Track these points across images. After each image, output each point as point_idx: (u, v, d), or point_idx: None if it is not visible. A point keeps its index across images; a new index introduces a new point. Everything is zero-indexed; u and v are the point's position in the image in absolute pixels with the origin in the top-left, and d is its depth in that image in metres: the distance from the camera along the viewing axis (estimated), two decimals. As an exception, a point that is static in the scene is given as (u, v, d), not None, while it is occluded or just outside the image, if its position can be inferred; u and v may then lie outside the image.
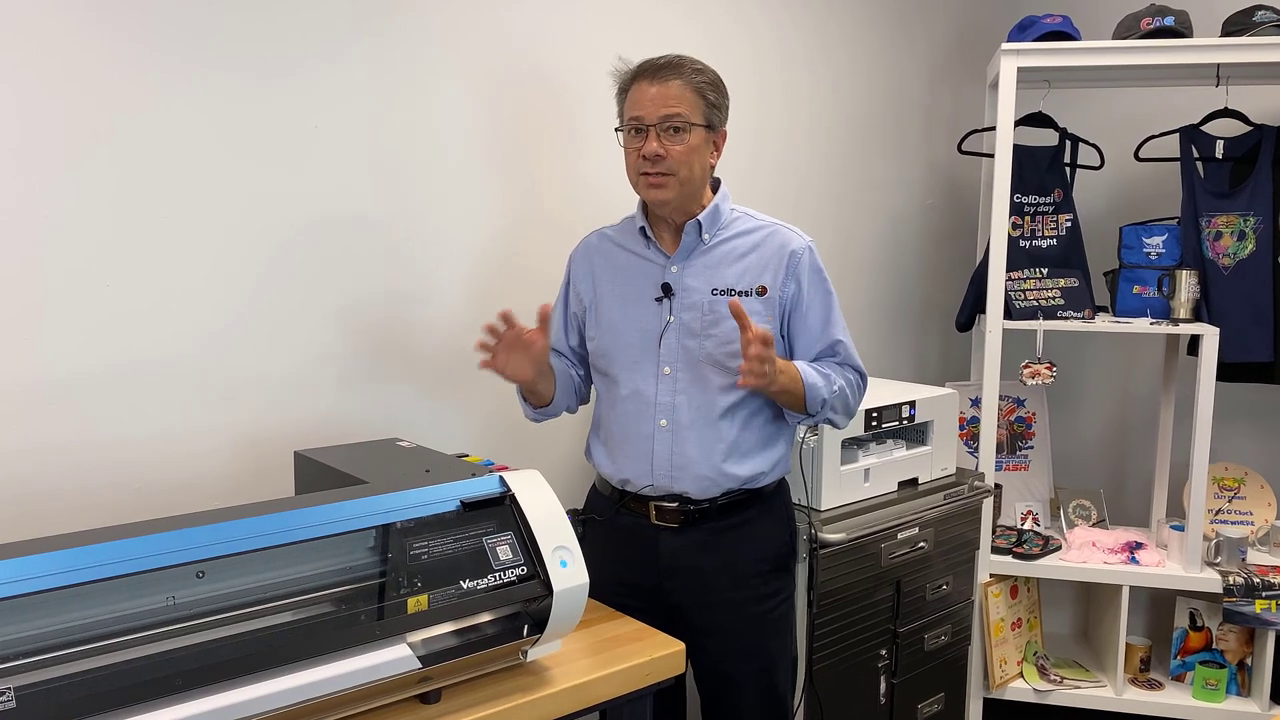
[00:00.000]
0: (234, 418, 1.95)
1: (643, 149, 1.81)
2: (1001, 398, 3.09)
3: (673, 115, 1.80)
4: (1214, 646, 2.93)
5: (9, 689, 1.07)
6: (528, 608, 1.48)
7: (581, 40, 2.38)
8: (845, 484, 2.31)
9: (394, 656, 1.35)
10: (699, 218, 1.88)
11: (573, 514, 2.07)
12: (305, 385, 2.04)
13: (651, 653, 1.64)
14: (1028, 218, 3.02)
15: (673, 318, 1.88)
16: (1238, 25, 2.76)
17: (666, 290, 1.89)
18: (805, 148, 2.97)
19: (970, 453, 3.06)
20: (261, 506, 1.39)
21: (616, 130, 1.90)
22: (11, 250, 1.68)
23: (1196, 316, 2.83)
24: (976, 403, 3.02)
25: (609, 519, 1.99)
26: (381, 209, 2.11)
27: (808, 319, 1.90)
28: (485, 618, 1.44)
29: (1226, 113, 2.87)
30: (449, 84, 2.18)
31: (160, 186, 1.82)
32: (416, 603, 1.38)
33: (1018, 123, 2.90)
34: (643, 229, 1.93)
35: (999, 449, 3.11)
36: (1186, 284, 2.82)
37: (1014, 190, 2.90)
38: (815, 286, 1.90)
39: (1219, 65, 2.76)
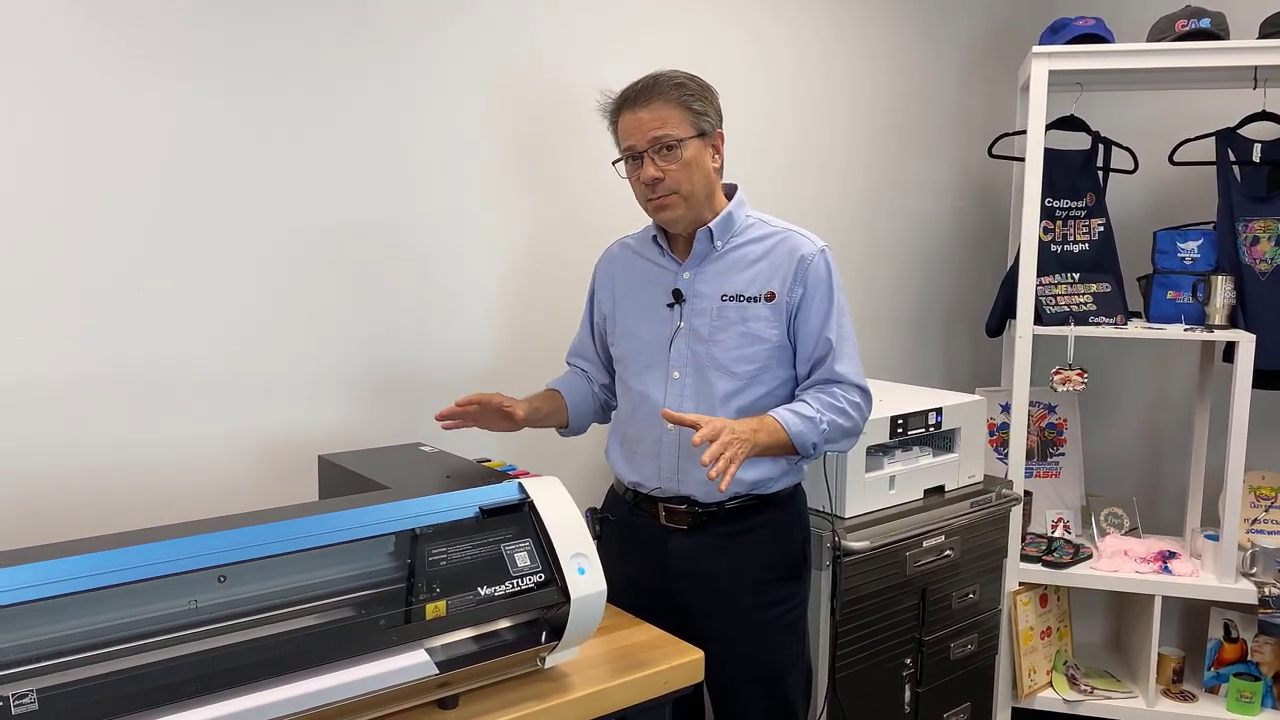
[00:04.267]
0: (259, 422, 1.97)
1: (640, 175, 1.82)
2: (1032, 404, 3.06)
3: (660, 136, 1.80)
4: (1249, 658, 2.88)
5: (31, 691, 1.09)
6: (545, 614, 1.48)
7: (603, 46, 2.39)
8: (870, 491, 2.29)
9: (412, 662, 1.35)
10: (710, 225, 1.88)
11: (591, 512, 2.08)
12: (330, 390, 2.06)
13: (670, 660, 1.63)
14: (1059, 222, 2.99)
15: (683, 323, 1.89)
16: (1276, 26, 2.70)
17: (677, 296, 1.90)
18: (836, 150, 2.96)
19: (1000, 459, 3.03)
20: (282, 511, 1.40)
21: (614, 163, 1.90)
22: (46, 256, 1.72)
23: (1232, 323, 2.78)
24: (1007, 408, 2.99)
25: (623, 519, 2.00)
26: (406, 216, 2.13)
27: (810, 322, 1.87)
28: (503, 624, 1.45)
29: (1264, 115, 2.82)
30: (473, 94, 2.19)
31: (191, 195, 1.85)
32: (435, 609, 1.39)
33: (1049, 126, 2.87)
34: (655, 237, 1.95)
35: (1030, 456, 3.07)
36: (1222, 290, 2.78)
37: (1045, 194, 2.87)
38: (820, 290, 1.87)
39: (1256, 68, 2.71)
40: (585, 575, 1.49)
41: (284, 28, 1.93)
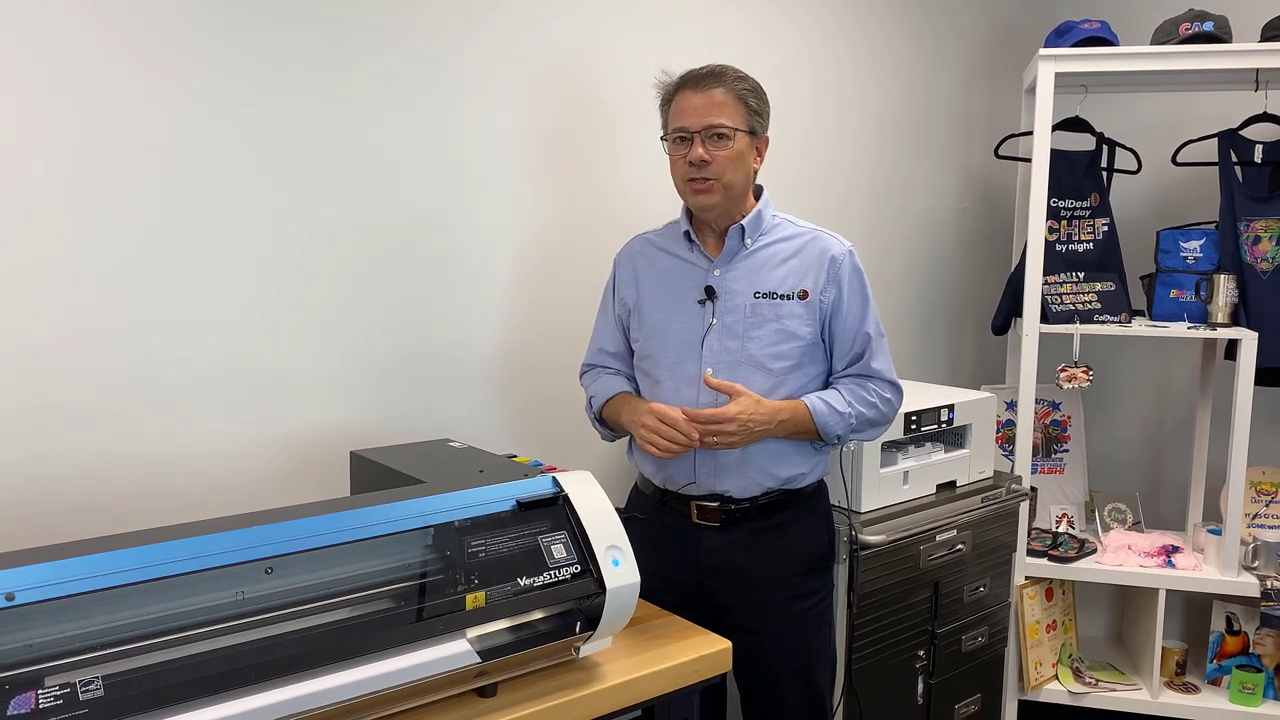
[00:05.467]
0: (282, 418, 2.00)
1: (688, 155, 1.86)
2: (1037, 401, 3.10)
3: (716, 124, 1.84)
4: (1251, 651, 2.93)
5: (97, 678, 1.12)
6: (580, 605, 1.51)
7: (623, 47, 2.42)
8: (885, 486, 2.33)
9: (455, 651, 1.38)
10: (742, 222, 1.93)
11: (617, 513, 2.11)
12: (351, 386, 2.09)
13: (699, 650, 1.67)
14: (1064, 221, 3.03)
15: (715, 320, 1.92)
16: (1278, 30, 2.75)
17: (709, 293, 1.93)
18: (841, 151, 3.00)
19: (1005, 456, 3.07)
20: (326, 505, 1.43)
21: (662, 139, 1.94)
22: (74, 255, 1.74)
23: (1234, 321, 2.83)
24: (1012, 406, 3.03)
25: (651, 517, 2.02)
26: (428, 213, 2.16)
27: (847, 321, 1.93)
28: (540, 614, 1.48)
29: (1266, 117, 2.87)
30: (497, 92, 2.22)
31: (218, 194, 1.88)
32: (475, 599, 1.42)
33: (1055, 127, 2.91)
34: (687, 233, 1.98)
35: (1034, 452, 3.11)
36: (1224, 288, 2.82)
37: (1051, 194, 2.91)
38: (854, 290, 1.94)
39: (1258, 70, 2.76)
40: (619, 566, 1.53)
41: (310, 26, 1.95)
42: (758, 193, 1.99)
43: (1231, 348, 2.84)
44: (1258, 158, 2.90)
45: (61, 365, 1.74)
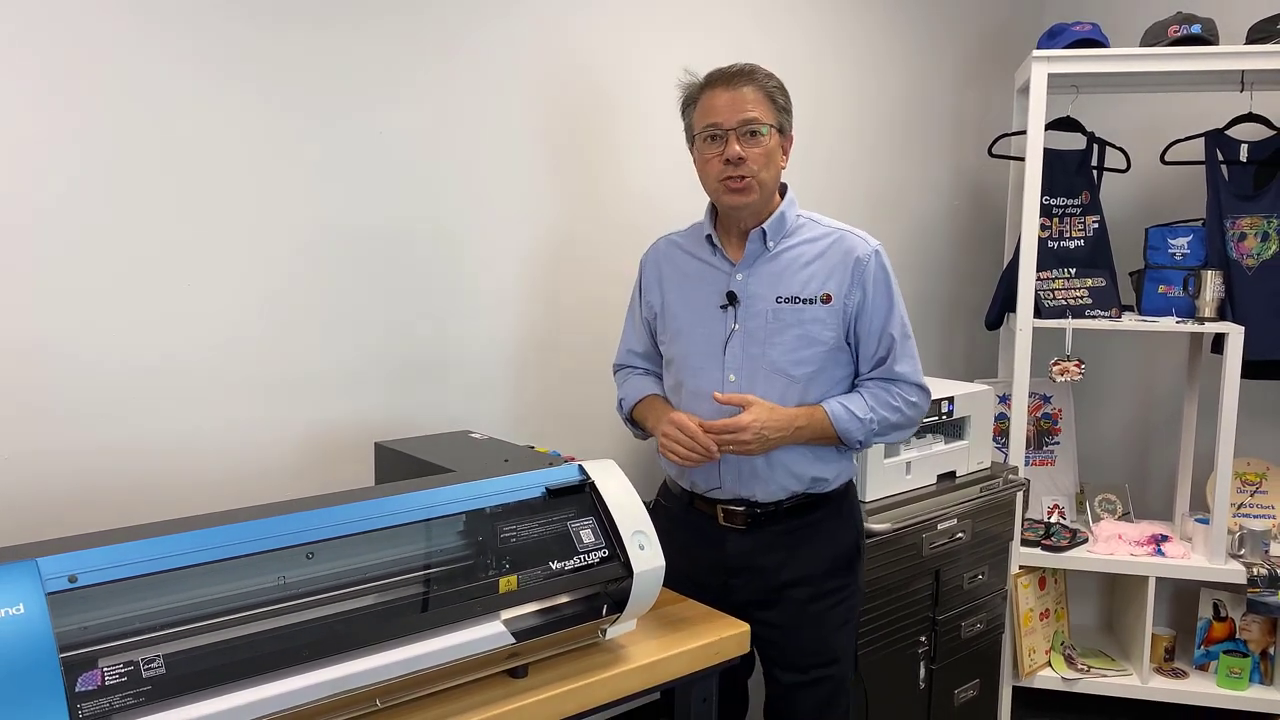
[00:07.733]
0: (298, 412, 2.03)
1: (725, 153, 1.84)
2: (1029, 394, 3.17)
3: (750, 119, 1.84)
4: (1237, 636, 3.01)
5: (159, 656, 1.16)
6: (608, 588, 1.56)
7: (635, 49, 2.46)
8: (888, 476, 2.39)
9: (490, 633, 1.43)
10: (764, 226, 1.91)
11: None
12: (365, 381, 2.12)
13: (718, 633, 1.72)
14: (1056, 219, 3.11)
15: (737, 325, 1.91)
16: (1262, 32, 2.84)
17: (731, 298, 1.92)
18: (836, 150, 3.05)
19: (999, 448, 3.13)
20: (363, 493, 1.48)
21: (689, 141, 1.94)
22: (101, 252, 1.77)
23: (1221, 315, 2.91)
24: (1004, 399, 3.10)
25: (678, 516, 2.03)
26: (440, 211, 2.19)
27: (871, 324, 1.91)
28: (569, 597, 1.53)
29: (1251, 117, 2.95)
30: (509, 92, 2.26)
31: (238, 192, 1.91)
32: (507, 582, 1.47)
33: (1047, 127, 2.97)
34: (709, 236, 1.97)
35: (1026, 444, 3.18)
36: (1211, 284, 2.90)
37: (1043, 192, 2.98)
38: (879, 292, 1.91)
39: (1244, 71, 2.84)
40: (645, 551, 1.58)
41: (326, 34, 1.99)
42: (783, 191, 1.97)
43: (1218, 342, 2.92)
44: (1243, 156, 2.98)
45: (85, 360, 1.77)
